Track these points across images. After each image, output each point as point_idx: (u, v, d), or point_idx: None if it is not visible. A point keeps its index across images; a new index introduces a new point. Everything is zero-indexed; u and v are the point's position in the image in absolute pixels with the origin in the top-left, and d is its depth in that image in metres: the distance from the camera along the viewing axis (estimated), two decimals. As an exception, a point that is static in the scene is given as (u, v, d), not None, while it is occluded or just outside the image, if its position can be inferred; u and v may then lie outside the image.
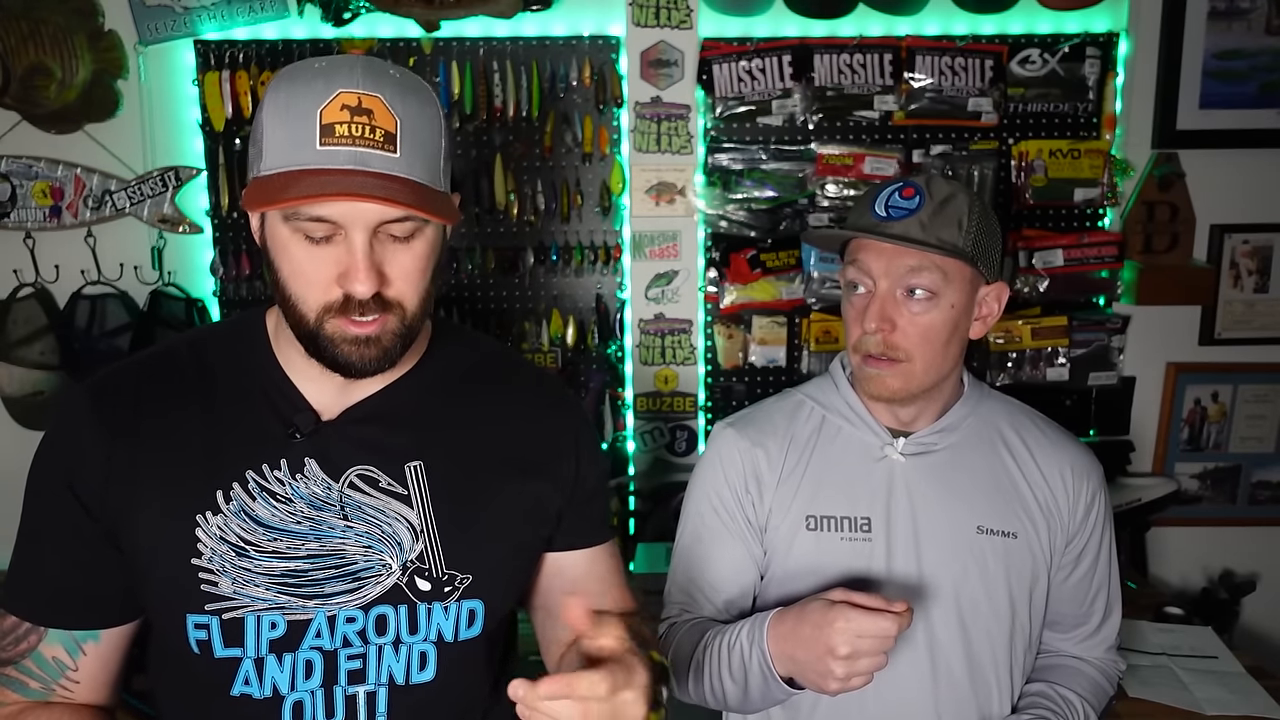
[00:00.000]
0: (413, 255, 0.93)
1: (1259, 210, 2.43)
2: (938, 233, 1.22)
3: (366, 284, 0.90)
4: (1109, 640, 1.42)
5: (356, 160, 0.88)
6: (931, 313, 1.23)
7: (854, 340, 1.28)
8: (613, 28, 2.32)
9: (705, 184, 2.34)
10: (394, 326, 0.94)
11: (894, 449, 1.32)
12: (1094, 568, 1.37)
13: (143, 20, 2.25)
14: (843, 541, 1.30)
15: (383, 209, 0.89)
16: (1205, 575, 2.56)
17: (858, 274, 1.26)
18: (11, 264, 2.32)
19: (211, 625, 0.96)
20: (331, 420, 1.01)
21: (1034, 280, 2.35)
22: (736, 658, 1.23)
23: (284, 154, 0.89)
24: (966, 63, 2.31)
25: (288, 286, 0.93)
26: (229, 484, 0.98)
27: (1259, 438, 2.52)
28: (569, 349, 2.40)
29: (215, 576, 0.96)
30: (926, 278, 1.22)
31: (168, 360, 1.03)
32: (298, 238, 0.91)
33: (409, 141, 0.90)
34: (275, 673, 0.99)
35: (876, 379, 1.27)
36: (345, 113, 0.88)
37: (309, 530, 0.98)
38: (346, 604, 0.99)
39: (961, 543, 1.30)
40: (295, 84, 0.90)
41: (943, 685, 1.29)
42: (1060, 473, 1.34)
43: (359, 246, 0.90)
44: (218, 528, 0.97)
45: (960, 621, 1.29)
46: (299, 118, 0.88)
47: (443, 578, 1.02)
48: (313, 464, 0.99)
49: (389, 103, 0.90)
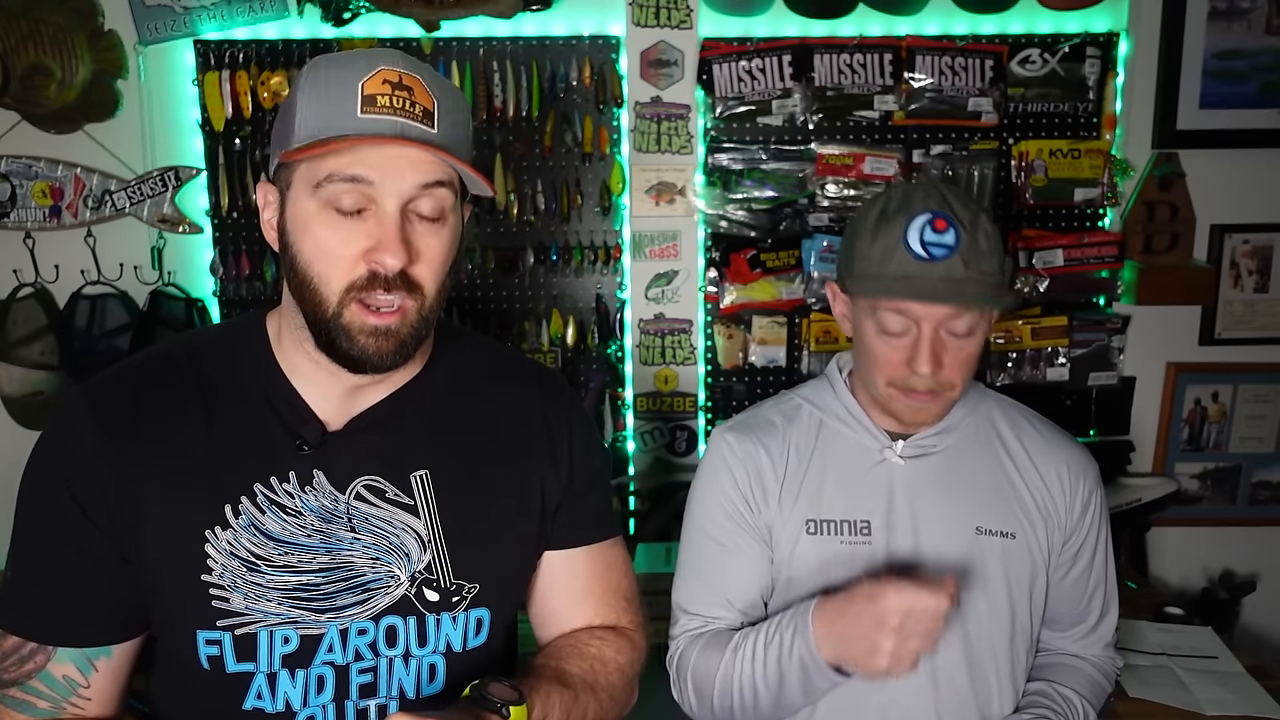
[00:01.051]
0: (439, 239, 0.93)
1: (1259, 210, 2.43)
2: (979, 265, 1.20)
3: (397, 255, 0.89)
4: (1106, 638, 1.42)
5: (398, 129, 0.89)
6: (973, 343, 1.24)
7: (893, 377, 1.25)
8: (613, 28, 2.31)
9: (705, 184, 2.34)
10: (412, 317, 0.93)
11: (893, 452, 1.32)
12: (1091, 566, 1.38)
13: (143, 20, 2.25)
14: (843, 545, 1.30)
15: (419, 172, 0.89)
16: (1205, 575, 2.56)
17: (897, 320, 1.22)
18: (11, 264, 2.32)
19: (224, 641, 0.95)
20: (337, 430, 1.00)
21: (1034, 280, 2.35)
22: (773, 653, 1.22)
23: (322, 122, 0.89)
24: (966, 63, 2.31)
25: (309, 269, 0.92)
26: (237, 498, 0.96)
27: (1259, 438, 2.52)
28: (569, 349, 2.40)
29: (226, 592, 0.95)
30: (971, 316, 1.22)
31: (165, 365, 1.00)
32: (325, 212, 0.90)
33: (445, 121, 0.92)
34: (288, 688, 0.97)
35: (921, 410, 1.26)
36: (386, 86, 0.89)
37: (319, 543, 0.97)
38: (357, 616, 0.98)
39: (961, 544, 1.30)
40: (333, 63, 0.92)
41: (943, 687, 1.29)
42: (1057, 471, 1.34)
43: (390, 215, 0.90)
44: (228, 543, 0.95)
45: (960, 623, 1.29)
46: (339, 87, 0.89)
47: (450, 587, 1.01)
48: (320, 476, 0.98)
49: (427, 84, 0.92)
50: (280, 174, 0.95)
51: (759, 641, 1.25)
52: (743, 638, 1.28)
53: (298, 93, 0.92)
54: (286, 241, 0.94)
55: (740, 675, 1.26)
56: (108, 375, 1.00)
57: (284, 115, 0.93)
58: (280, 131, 0.94)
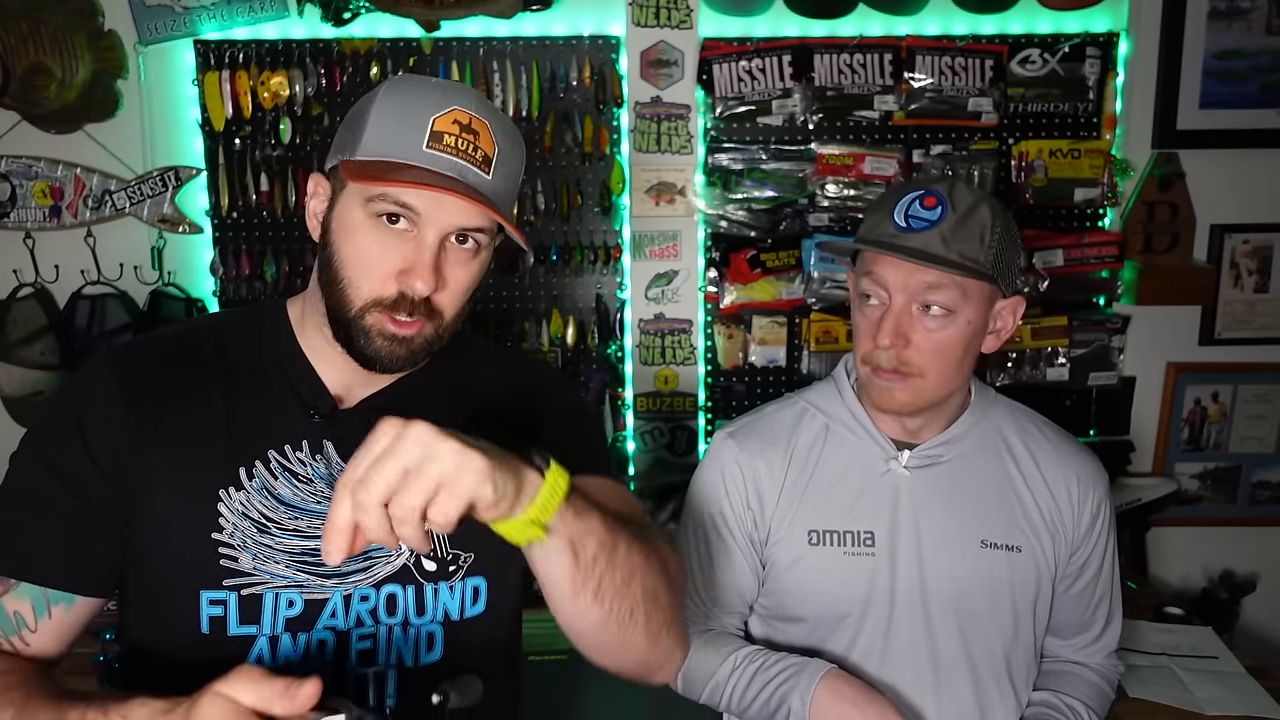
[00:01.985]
0: (468, 272, 0.99)
1: (1259, 210, 2.43)
2: (959, 248, 1.17)
3: (428, 282, 0.94)
4: (1110, 646, 1.41)
5: (456, 170, 0.94)
6: (947, 329, 1.20)
7: (865, 352, 1.25)
8: (613, 28, 2.31)
9: (705, 184, 2.34)
10: (429, 334, 0.99)
11: (898, 463, 1.29)
12: (1097, 576, 1.36)
13: (142, 20, 2.25)
14: (845, 556, 1.28)
15: (464, 215, 0.94)
16: (1205, 575, 2.56)
17: (872, 286, 1.22)
18: (11, 264, 2.32)
19: (229, 601, 0.97)
20: (350, 407, 1.04)
21: (1034, 280, 2.35)
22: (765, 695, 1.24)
23: (389, 145, 0.94)
24: (966, 63, 2.31)
25: (345, 269, 0.96)
26: (252, 461, 0.99)
27: (1259, 438, 2.52)
28: (569, 349, 2.40)
29: (236, 552, 0.97)
30: (944, 295, 1.18)
31: (189, 339, 1.05)
32: (371, 224, 0.95)
33: (501, 170, 0.97)
34: (289, 651, 0.99)
35: (885, 391, 1.24)
36: (455, 126, 0.94)
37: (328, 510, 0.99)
38: (361, 582, 1.01)
39: (965, 557, 1.28)
40: (412, 88, 0.97)
41: (946, 700, 1.28)
42: (1066, 484, 1.32)
43: (429, 244, 0.95)
44: (240, 503, 0.98)
45: (963, 636, 1.28)
46: (412, 117, 0.94)
47: (447, 557, 1.04)
48: (330, 447, 1.02)
49: (493, 131, 0.97)
50: (335, 171, 0.99)
51: (755, 676, 1.26)
52: (742, 661, 1.28)
53: (373, 106, 0.97)
54: (329, 238, 0.99)
55: (727, 695, 1.28)
56: (132, 343, 1.06)
57: (353, 121, 0.98)
58: (346, 136, 0.99)
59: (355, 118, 0.99)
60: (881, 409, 1.27)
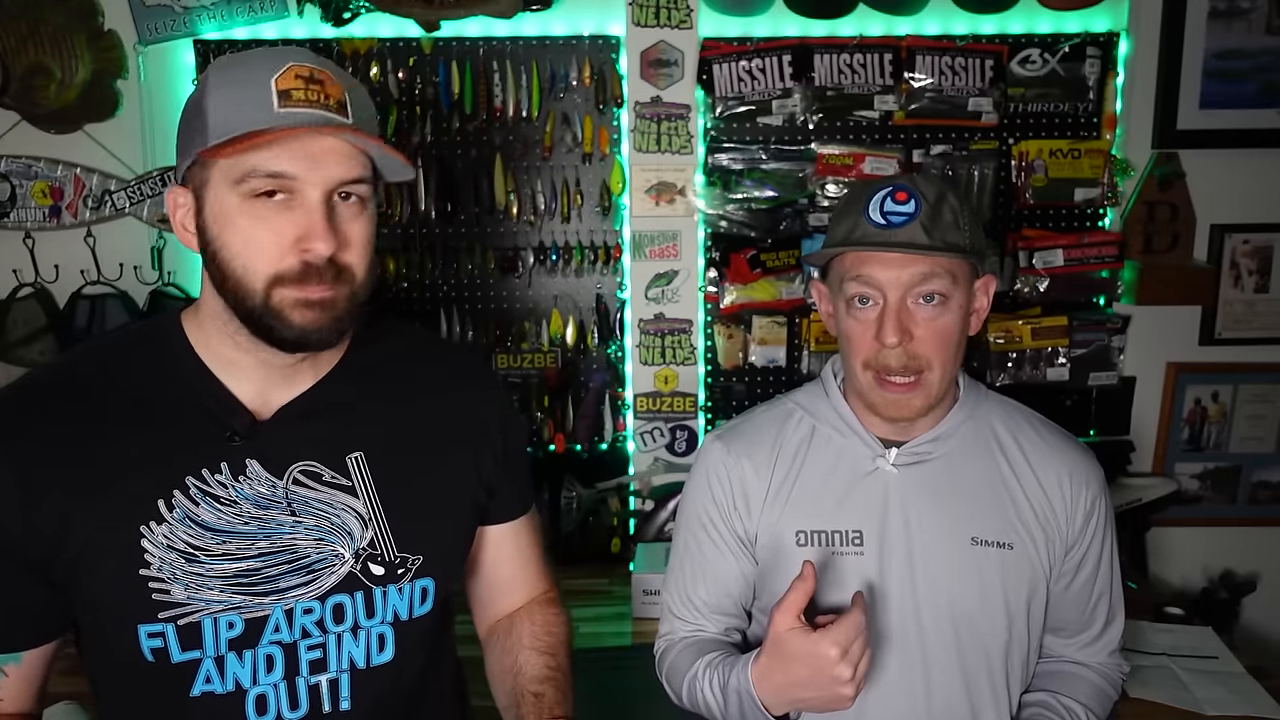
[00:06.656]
0: (361, 225, 0.96)
1: (1259, 210, 2.43)
2: (942, 234, 1.19)
3: (328, 241, 0.91)
4: (1112, 645, 1.39)
5: (317, 121, 0.90)
6: (944, 316, 1.20)
7: (866, 356, 1.23)
8: (613, 27, 2.31)
9: (705, 184, 2.34)
10: (346, 295, 0.95)
11: (885, 460, 1.29)
12: (1095, 574, 1.34)
13: (142, 20, 2.25)
14: (834, 556, 1.28)
15: (342, 168, 0.92)
16: (1205, 575, 2.56)
17: (862, 288, 1.21)
18: (11, 264, 2.32)
19: (167, 632, 0.95)
20: (267, 419, 1.00)
21: (1034, 280, 2.35)
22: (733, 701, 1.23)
23: (240, 118, 0.90)
24: (966, 63, 2.31)
25: (236, 259, 0.92)
26: (169, 492, 0.96)
27: (1259, 438, 2.52)
28: (569, 349, 2.40)
29: (166, 585, 0.95)
30: (938, 283, 1.19)
31: (67, 380, 0.99)
32: (249, 204, 0.91)
33: (357, 114, 0.94)
34: (236, 669, 0.98)
35: (899, 402, 1.23)
36: (300, 81, 0.91)
37: (257, 530, 0.98)
38: (303, 596, 1.00)
39: (956, 555, 1.27)
40: (238, 62, 0.93)
41: (937, 699, 1.28)
42: (1058, 480, 1.31)
43: (316, 204, 0.91)
44: (164, 536, 0.95)
45: (955, 634, 1.27)
46: (252, 86, 0.90)
47: (395, 560, 1.04)
48: (254, 464, 0.99)
49: (337, 77, 0.94)
50: (193, 175, 0.94)
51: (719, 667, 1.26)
52: (705, 669, 1.28)
53: (205, 95, 0.92)
54: (209, 238, 0.93)
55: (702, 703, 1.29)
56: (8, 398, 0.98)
57: (192, 117, 0.93)
58: (190, 133, 0.93)
59: (193, 112, 0.93)
60: (894, 419, 1.26)
